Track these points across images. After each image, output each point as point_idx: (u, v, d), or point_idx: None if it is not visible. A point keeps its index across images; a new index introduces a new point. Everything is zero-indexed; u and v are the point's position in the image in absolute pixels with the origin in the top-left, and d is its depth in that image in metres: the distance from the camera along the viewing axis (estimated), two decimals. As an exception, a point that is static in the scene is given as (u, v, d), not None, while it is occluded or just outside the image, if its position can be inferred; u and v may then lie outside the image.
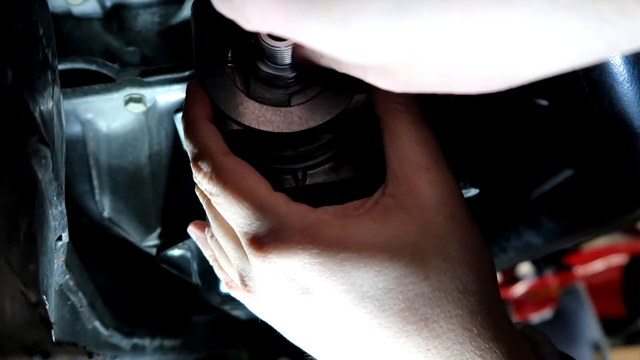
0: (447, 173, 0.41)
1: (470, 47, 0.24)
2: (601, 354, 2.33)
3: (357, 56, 0.27)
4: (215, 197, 0.41)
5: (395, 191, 0.40)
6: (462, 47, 0.24)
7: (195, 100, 0.43)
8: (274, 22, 0.26)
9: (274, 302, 0.42)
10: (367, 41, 0.25)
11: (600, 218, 0.48)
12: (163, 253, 0.62)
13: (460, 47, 0.24)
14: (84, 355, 0.29)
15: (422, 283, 0.37)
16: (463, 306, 0.37)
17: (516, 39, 0.23)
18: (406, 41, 0.25)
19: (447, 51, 0.25)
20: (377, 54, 0.26)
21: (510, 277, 2.68)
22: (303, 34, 0.26)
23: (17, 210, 0.30)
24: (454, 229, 0.39)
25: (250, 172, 0.41)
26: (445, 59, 0.26)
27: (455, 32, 0.24)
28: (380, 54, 0.26)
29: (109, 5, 0.56)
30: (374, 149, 0.44)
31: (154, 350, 0.75)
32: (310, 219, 0.39)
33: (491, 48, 0.24)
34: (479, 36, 0.24)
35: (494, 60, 0.25)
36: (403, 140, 0.41)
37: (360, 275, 0.37)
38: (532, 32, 0.23)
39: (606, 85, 0.37)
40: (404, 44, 0.25)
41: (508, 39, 0.24)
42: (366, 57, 0.27)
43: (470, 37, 0.24)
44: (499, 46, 0.24)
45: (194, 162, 0.42)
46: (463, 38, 0.24)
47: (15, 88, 0.31)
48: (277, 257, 0.38)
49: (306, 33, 0.26)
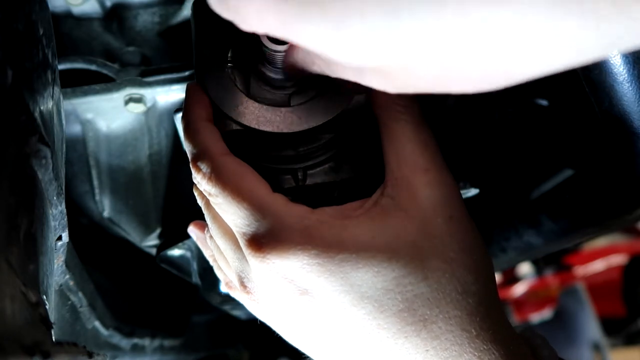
0: (446, 174, 0.41)
1: (467, 46, 0.24)
2: (601, 354, 2.33)
3: (354, 57, 0.27)
4: (214, 197, 0.41)
5: (394, 192, 0.40)
6: (459, 46, 0.24)
7: (195, 100, 0.43)
8: (270, 23, 0.26)
9: (272, 303, 0.42)
10: (364, 42, 0.25)
11: (600, 218, 0.48)
12: (163, 253, 0.62)
13: (457, 47, 0.24)
14: (84, 355, 0.29)
15: (420, 284, 0.37)
16: (462, 307, 0.37)
17: (514, 38, 0.23)
18: (403, 42, 0.25)
19: (444, 51, 0.25)
20: (374, 55, 0.26)
21: (510, 277, 2.68)
22: (299, 35, 0.26)
23: (17, 210, 0.30)
24: (453, 230, 0.39)
25: (249, 172, 0.41)
26: (442, 59, 0.26)
27: (451, 31, 0.24)
28: (376, 55, 0.26)
29: (109, 5, 0.56)
30: (373, 149, 0.44)
31: (154, 350, 0.75)
32: (309, 220, 0.39)
33: (488, 47, 0.24)
34: (475, 35, 0.24)
35: (491, 59, 0.25)
36: (402, 141, 0.41)
37: (359, 276, 0.37)
38: (529, 31, 0.23)
39: (606, 85, 0.37)
40: (401, 45, 0.25)
41: (505, 38, 0.23)
42: (363, 58, 0.27)
43: (467, 36, 0.24)
44: (496, 45, 0.24)
45: (193, 162, 0.42)
46: (460, 37, 0.24)
47: (15, 88, 0.31)
48: (275, 257, 0.38)
49: (302, 34, 0.26)
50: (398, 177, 0.40)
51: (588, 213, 0.49)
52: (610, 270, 2.88)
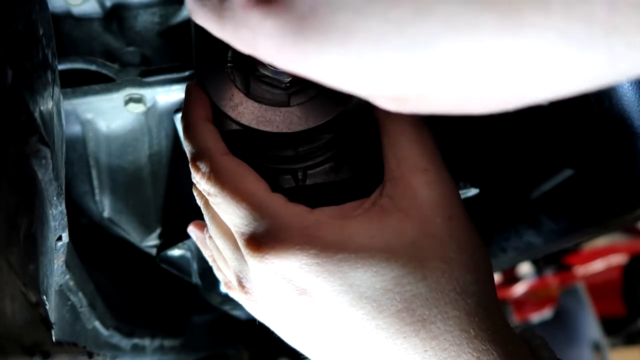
0: (445, 175, 0.41)
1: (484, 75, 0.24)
2: (601, 354, 2.33)
3: (372, 90, 0.27)
4: (213, 197, 0.41)
5: (393, 192, 0.40)
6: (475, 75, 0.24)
7: (194, 100, 0.43)
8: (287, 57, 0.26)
9: (271, 303, 0.42)
10: (382, 75, 0.25)
11: (600, 218, 0.48)
12: (163, 253, 0.62)
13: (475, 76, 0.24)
14: (84, 355, 0.29)
15: (419, 284, 0.37)
16: (460, 307, 0.37)
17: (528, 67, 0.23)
18: (421, 73, 0.25)
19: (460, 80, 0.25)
20: (392, 87, 0.26)
21: (510, 277, 2.68)
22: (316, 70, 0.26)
23: (17, 210, 0.30)
24: (452, 230, 0.39)
25: (248, 172, 0.41)
26: (459, 87, 0.26)
27: (469, 61, 0.24)
28: (394, 87, 0.26)
29: (109, 5, 0.56)
30: (374, 149, 0.44)
31: (154, 350, 0.75)
32: (308, 220, 0.39)
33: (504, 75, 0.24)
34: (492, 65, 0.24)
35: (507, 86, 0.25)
36: (401, 141, 0.41)
37: (357, 276, 0.37)
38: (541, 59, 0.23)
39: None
40: (419, 76, 0.25)
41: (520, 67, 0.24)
42: (380, 90, 0.27)
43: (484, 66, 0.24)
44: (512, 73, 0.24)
45: (192, 162, 0.42)
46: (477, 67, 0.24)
47: (15, 88, 0.31)
48: (274, 257, 0.38)
49: (320, 69, 0.26)
50: (397, 176, 0.40)
51: (588, 213, 0.49)
52: (610, 270, 2.88)
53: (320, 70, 0.26)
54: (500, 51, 0.23)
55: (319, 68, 0.26)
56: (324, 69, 0.26)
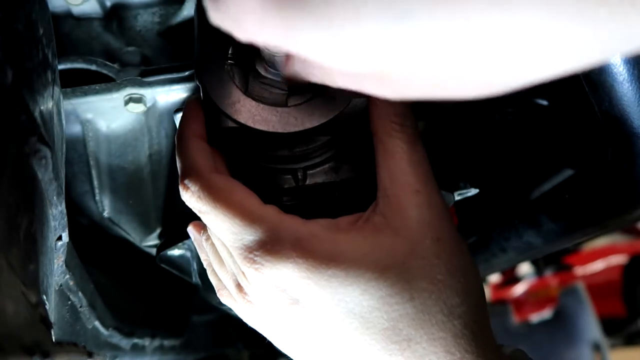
0: (437, 196, 0.41)
1: (467, 51, 0.24)
2: (601, 354, 2.33)
3: (353, 64, 0.27)
4: (205, 214, 0.41)
5: (385, 210, 0.40)
6: (459, 52, 0.24)
7: (190, 116, 0.44)
8: (270, 31, 0.26)
9: (266, 310, 0.42)
10: (364, 48, 0.25)
11: (600, 218, 0.48)
12: (163, 253, 0.62)
13: (457, 52, 0.24)
14: (84, 355, 0.29)
15: (406, 304, 0.38)
16: (447, 329, 0.38)
17: (514, 44, 0.23)
18: (403, 47, 0.25)
19: (443, 56, 0.25)
20: (374, 61, 0.26)
21: (510, 277, 2.68)
22: (299, 43, 0.26)
23: (17, 210, 0.30)
24: (440, 251, 0.40)
25: (238, 187, 0.41)
26: (441, 64, 0.25)
27: (452, 36, 0.24)
28: (376, 61, 0.26)
29: (109, 5, 0.56)
30: (373, 150, 0.44)
31: (154, 350, 0.75)
32: (301, 232, 0.40)
33: (489, 52, 0.24)
34: (476, 41, 0.23)
35: (492, 65, 0.25)
36: (396, 159, 0.41)
37: (347, 292, 0.38)
38: (530, 37, 0.23)
39: (606, 85, 0.37)
40: (401, 50, 0.25)
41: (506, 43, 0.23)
42: (362, 64, 0.27)
43: (467, 41, 0.24)
44: (496, 50, 0.24)
45: (181, 180, 0.42)
46: (460, 43, 0.24)
47: (15, 88, 0.31)
48: (268, 269, 0.39)
49: (302, 42, 0.26)
50: (390, 195, 0.41)
51: (588, 213, 0.49)
52: (610, 270, 2.88)
53: (303, 44, 0.26)
54: (486, 27, 0.23)
55: (301, 41, 0.26)
56: (306, 42, 0.26)
